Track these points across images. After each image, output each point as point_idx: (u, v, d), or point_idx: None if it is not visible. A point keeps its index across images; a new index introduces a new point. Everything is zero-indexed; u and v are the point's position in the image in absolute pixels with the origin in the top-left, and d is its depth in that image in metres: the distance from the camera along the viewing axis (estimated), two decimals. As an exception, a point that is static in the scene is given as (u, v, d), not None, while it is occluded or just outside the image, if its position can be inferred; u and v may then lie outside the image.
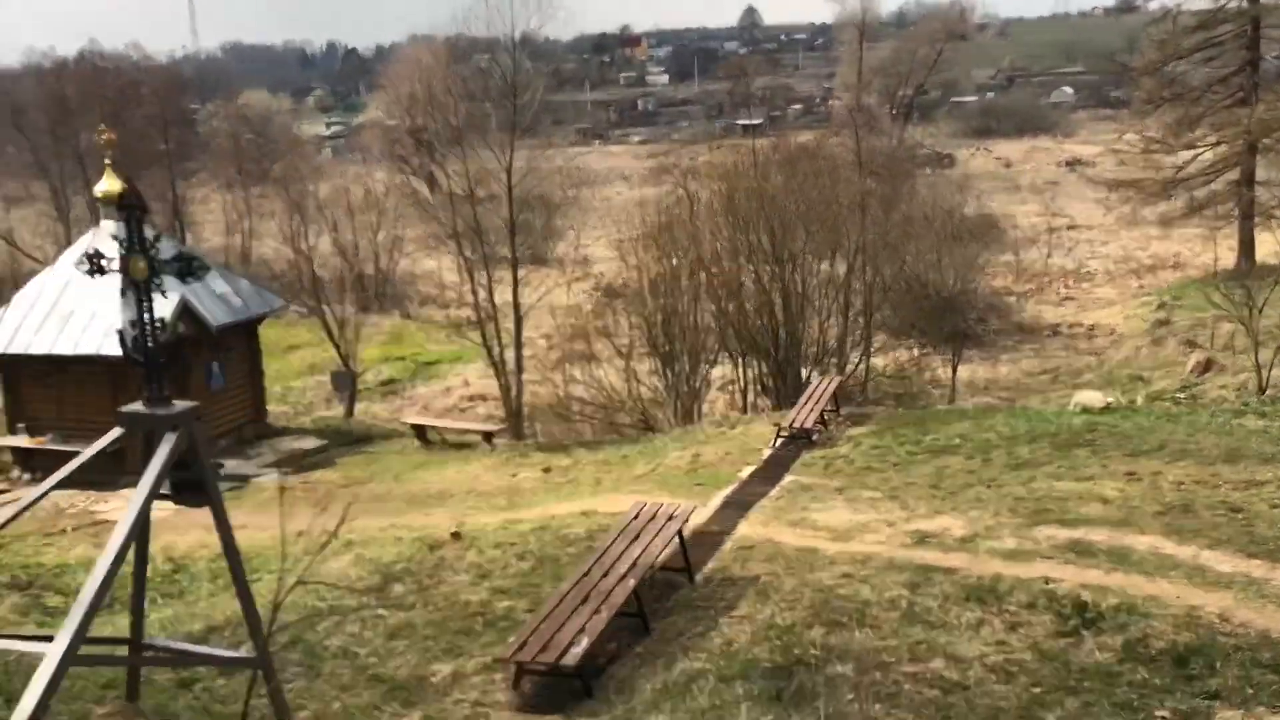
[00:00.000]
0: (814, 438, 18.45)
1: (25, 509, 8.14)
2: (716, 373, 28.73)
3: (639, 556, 10.87)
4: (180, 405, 7.86)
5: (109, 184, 26.13)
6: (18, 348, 24.48)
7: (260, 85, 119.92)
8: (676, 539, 11.85)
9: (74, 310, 24.46)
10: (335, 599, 12.03)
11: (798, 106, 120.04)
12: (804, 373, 27.59)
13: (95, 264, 7.64)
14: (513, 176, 29.67)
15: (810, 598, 10.85)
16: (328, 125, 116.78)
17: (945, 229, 36.34)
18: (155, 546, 19.18)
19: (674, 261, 25.99)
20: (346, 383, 28.25)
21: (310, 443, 27.07)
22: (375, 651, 10.43)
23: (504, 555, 13.25)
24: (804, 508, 14.47)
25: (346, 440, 27.25)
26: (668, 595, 11.58)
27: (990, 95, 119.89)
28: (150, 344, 7.72)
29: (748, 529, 13.82)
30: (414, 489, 20.89)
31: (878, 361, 32.34)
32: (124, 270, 7.61)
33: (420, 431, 25.98)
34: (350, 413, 30.14)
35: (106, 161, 26.53)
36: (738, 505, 15.00)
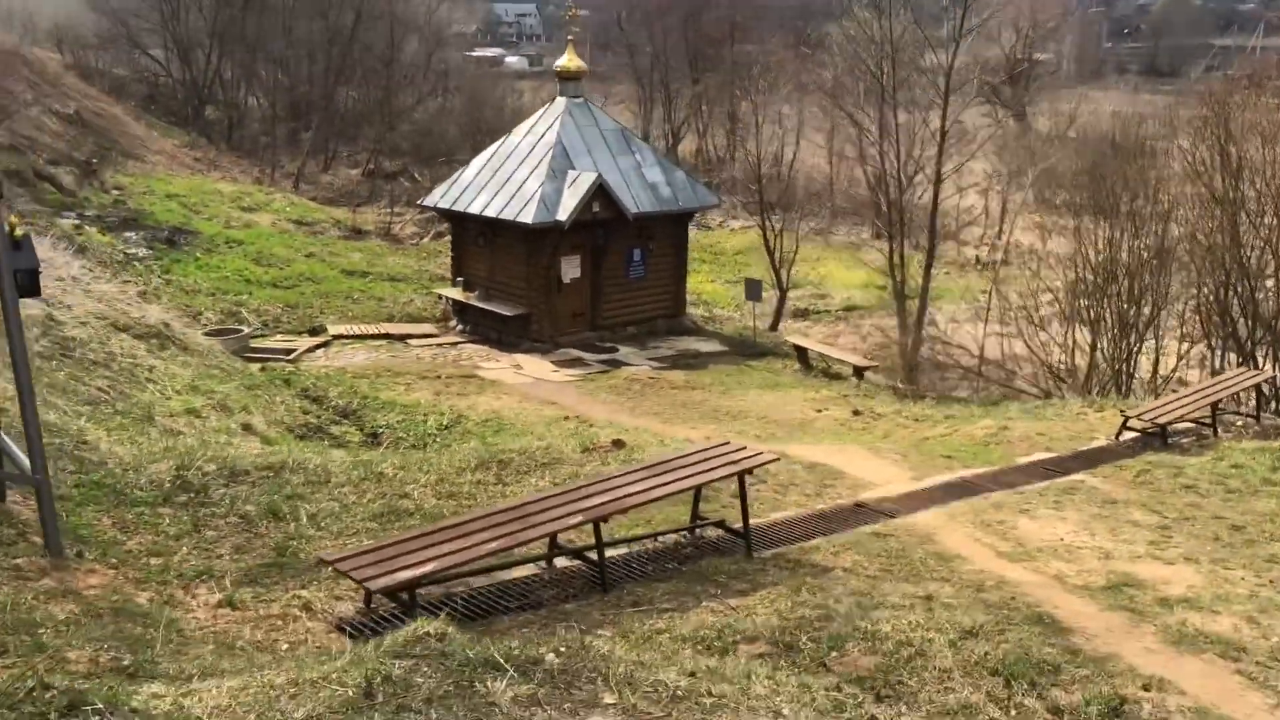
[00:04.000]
0: (1170, 439, 13.60)
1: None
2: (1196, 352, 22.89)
3: (623, 496, 8.37)
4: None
5: (567, 59, 26.85)
6: (461, 206, 26.23)
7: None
8: (738, 488, 9.08)
9: (509, 179, 25.58)
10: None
11: None
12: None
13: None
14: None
15: (831, 610, 7.64)
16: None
17: None
18: (463, 404, 19.64)
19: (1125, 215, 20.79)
20: (756, 291, 26.75)
21: (708, 346, 26.14)
22: (332, 526, 9.15)
23: (612, 470, 11.24)
24: (1023, 511, 10.57)
25: (747, 352, 25.89)
26: (698, 558, 8.94)
27: None
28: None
29: (922, 518, 10.42)
30: (726, 404, 19.09)
31: None
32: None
33: (802, 354, 23.85)
34: (774, 327, 28.70)
35: (569, 39, 27.27)
36: (957, 490, 11.44)
